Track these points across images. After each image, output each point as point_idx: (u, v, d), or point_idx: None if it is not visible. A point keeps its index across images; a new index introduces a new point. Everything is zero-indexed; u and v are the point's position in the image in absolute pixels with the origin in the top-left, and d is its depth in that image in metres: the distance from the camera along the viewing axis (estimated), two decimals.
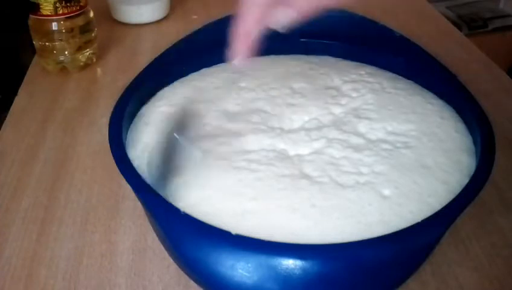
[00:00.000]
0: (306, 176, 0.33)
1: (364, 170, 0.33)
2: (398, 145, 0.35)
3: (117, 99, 0.37)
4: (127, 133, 0.37)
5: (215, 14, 0.45)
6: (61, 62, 0.60)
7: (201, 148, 0.35)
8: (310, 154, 0.35)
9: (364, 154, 0.34)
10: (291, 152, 0.35)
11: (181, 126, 0.37)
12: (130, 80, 0.39)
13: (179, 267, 0.36)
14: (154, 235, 0.37)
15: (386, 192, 0.32)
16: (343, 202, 0.31)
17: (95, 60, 0.63)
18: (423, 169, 0.33)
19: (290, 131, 0.37)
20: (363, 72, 0.43)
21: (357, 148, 0.35)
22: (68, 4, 0.57)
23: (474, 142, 0.35)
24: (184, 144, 0.35)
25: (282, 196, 0.31)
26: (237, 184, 0.32)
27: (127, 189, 0.31)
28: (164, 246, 0.36)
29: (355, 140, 0.36)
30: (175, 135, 0.36)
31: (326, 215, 0.30)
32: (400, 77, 0.44)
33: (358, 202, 0.31)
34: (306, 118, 0.39)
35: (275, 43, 0.47)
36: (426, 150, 0.35)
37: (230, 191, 0.32)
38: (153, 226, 0.36)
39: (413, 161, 0.34)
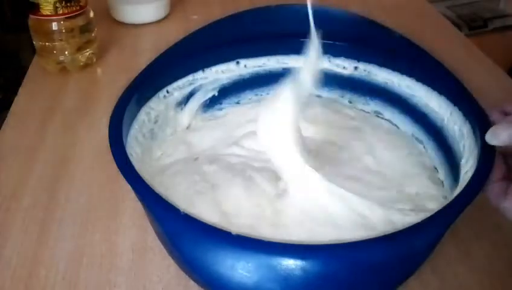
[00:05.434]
0: None
1: None
2: None
3: (117, 99, 0.37)
4: (127, 133, 0.37)
5: (215, 14, 0.45)
6: (61, 62, 0.60)
7: None
8: None
9: None
10: None
11: None
12: (130, 80, 0.39)
13: (179, 267, 0.36)
14: (154, 235, 0.37)
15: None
16: None
17: (95, 60, 0.63)
18: None
19: None
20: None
21: None
22: (68, 4, 0.57)
23: None
24: None
25: None
26: None
27: (127, 189, 0.31)
28: (164, 246, 0.36)
29: None
30: None
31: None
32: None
33: None
34: None
35: (275, 43, 0.47)
36: None
37: None
38: (153, 226, 0.36)
39: None
